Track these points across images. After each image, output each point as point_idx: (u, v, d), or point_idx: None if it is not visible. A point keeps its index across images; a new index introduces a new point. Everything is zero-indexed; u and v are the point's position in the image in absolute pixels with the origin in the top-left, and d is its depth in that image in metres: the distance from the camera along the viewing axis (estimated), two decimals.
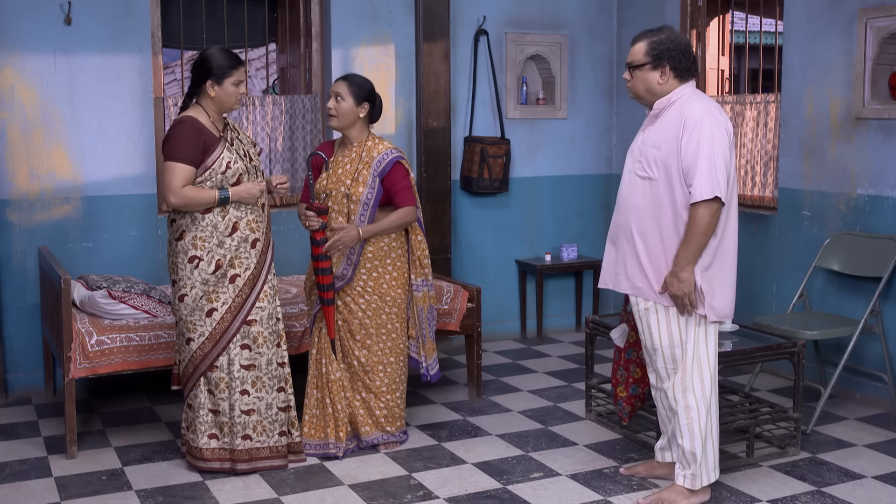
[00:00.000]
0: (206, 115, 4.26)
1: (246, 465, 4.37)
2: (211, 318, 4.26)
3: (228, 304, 4.27)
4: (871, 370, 5.34)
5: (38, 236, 5.65)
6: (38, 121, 5.61)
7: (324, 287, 4.54)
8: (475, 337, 5.49)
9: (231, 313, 4.27)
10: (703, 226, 3.77)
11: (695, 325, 3.92)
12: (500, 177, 6.74)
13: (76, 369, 4.58)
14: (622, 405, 4.53)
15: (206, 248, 4.23)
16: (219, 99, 4.25)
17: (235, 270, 4.26)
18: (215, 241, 4.23)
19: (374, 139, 4.66)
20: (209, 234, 4.23)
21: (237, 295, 4.27)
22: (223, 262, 4.24)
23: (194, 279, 4.24)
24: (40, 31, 5.56)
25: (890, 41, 5.22)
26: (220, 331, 4.27)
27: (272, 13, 6.78)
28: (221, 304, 4.26)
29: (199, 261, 4.22)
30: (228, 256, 4.25)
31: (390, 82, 6.47)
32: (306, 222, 4.52)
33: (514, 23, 6.85)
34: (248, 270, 4.29)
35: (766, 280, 5.97)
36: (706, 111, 3.84)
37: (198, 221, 4.22)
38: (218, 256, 4.23)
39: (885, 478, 4.38)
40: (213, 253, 4.23)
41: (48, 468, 4.51)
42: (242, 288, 4.28)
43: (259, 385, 4.34)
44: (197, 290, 4.24)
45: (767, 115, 6.09)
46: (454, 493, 4.22)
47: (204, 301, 4.25)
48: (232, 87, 4.25)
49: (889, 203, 5.27)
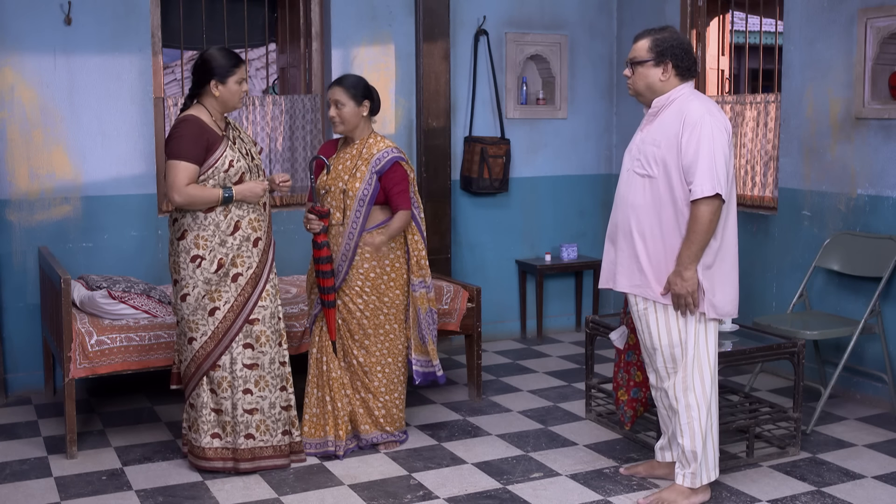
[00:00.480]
0: (209, 114, 4.27)
1: (249, 465, 4.37)
2: (213, 318, 4.26)
3: (231, 303, 4.27)
4: (871, 370, 5.34)
5: (38, 236, 5.65)
6: (38, 121, 5.61)
7: (325, 290, 4.55)
8: (475, 337, 5.49)
9: (233, 312, 4.27)
10: (705, 223, 3.78)
11: (695, 323, 3.92)
12: (500, 177, 6.74)
13: (76, 369, 4.58)
14: (623, 409, 4.53)
15: (209, 248, 4.23)
16: (223, 98, 4.27)
17: (238, 269, 4.27)
18: (217, 240, 4.23)
19: (376, 136, 4.66)
20: (211, 234, 4.23)
21: (239, 294, 4.27)
22: (225, 261, 4.24)
23: (196, 278, 4.24)
24: (40, 31, 5.56)
25: (890, 41, 5.22)
26: (222, 330, 4.27)
27: (272, 13, 6.78)
28: (224, 302, 4.26)
29: (202, 260, 4.23)
30: (231, 255, 4.25)
31: (390, 82, 6.47)
32: (307, 225, 4.53)
33: (514, 23, 6.85)
34: (251, 269, 4.29)
35: (766, 280, 5.97)
36: (706, 109, 3.85)
37: (200, 220, 4.23)
38: (220, 255, 4.24)
39: (885, 478, 4.38)
40: (215, 252, 4.23)
41: (48, 468, 4.51)
42: (245, 287, 4.28)
43: (262, 384, 4.35)
44: (199, 289, 4.25)
45: (767, 115, 6.09)
46: (454, 493, 4.22)
47: (206, 300, 4.25)
48: (235, 86, 4.27)
49: (889, 203, 5.27)
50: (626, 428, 4.61)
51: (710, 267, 3.88)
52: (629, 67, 4.00)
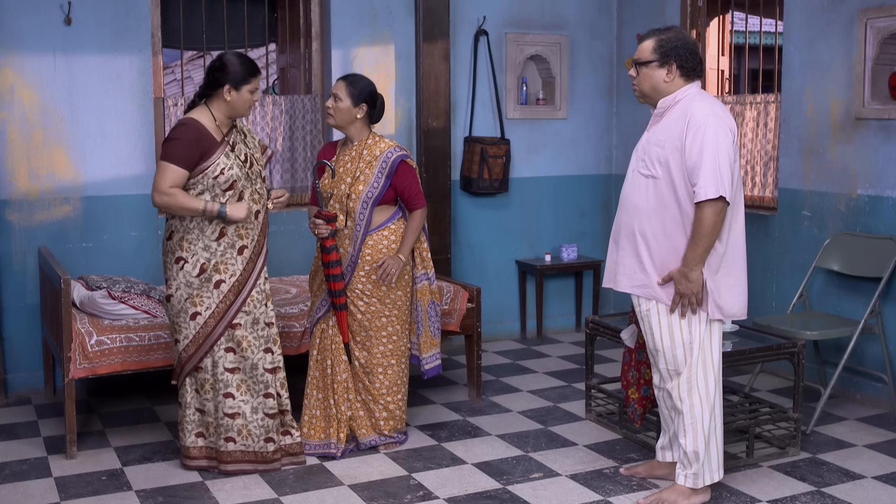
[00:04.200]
0: (212, 117, 4.24)
1: (231, 467, 4.36)
2: (195, 322, 4.25)
3: (212, 310, 4.25)
4: (870, 370, 5.34)
5: (37, 236, 5.65)
6: (37, 121, 5.60)
7: (336, 293, 4.54)
8: (475, 337, 5.49)
9: (214, 318, 4.25)
10: (709, 225, 3.77)
11: (699, 324, 3.92)
12: (499, 177, 6.73)
13: (76, 369, 4.58)
14: (634, 406, 4.52)
15: (192, 251, 4.22)
16: (233, 104, 4.24)
17: (220, 276, 4.24)
18: (201, 245, 4.22)
19: (375, 137, 4.66)
20: (196, 237, 4.22)
21: (221, 301, 4.25)
22: (207, 267, 4.23)
23: (179, 280, 4.24)
24: (40, 32, 5.56)
25: (890, 41, 5.22)
26: (203, 335, 4.26)
27: (272, 13, 6.77)
28: (205, 308, 4.25)
29: (185, 262, 4.22)
30: (213, 261, 4.23)
31: (390, 82, 6.47)
32: (315, 230, 4.52)
33: (513, 23, 6.85)
34: (234, 277, 4.26)
35: (766, 280, 5.97)
36: (711, 110, 3.84)
37: (186, 223, 4.22)
38: (203, 260, 4.22)
39: (885, 478, 4.38)
40: (197, 256, 4.22)
41: (48, 468, 4.51)
42: (227, 294, 4.26)
43: (244, 389, 4.33)
44: (182, 291, 4.24)
45: (767, 115, 6.09)
46: (454, 493, 4.22)
47: (188, 304, 4.24)
48: (248, 95, 4.24)
49: (889, 203, 5.27)
50: (637, 425, 4.59)
51: (717, 268, 3.88)
52: (634, 68, 4.00)
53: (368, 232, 4.58)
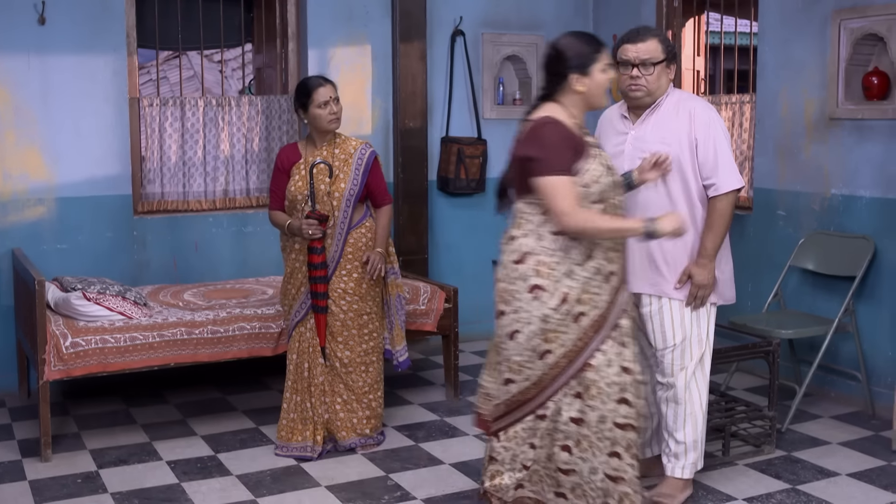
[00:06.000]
0: (569, 114, 3.59)
1: None
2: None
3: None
4: (845, 368, 5.38)
5: (11, 238, 5.60)
6: (11, 121, 5.56)
7: (319, 295, 4.53)
8: (452, 337, 5.49)
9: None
10: (728, 215, 3.91)
11: (707, 315, 4.02)
12: (476, 177, 6.74)
13: (51, 371, 4.54)
14: None
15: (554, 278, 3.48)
16: (589, 94, 3.56)
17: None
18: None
19: (341, 136, 4.71)
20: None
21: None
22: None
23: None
24: (13, 31, 5.51)
25: (863, 42, 5.26)
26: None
27: (248, 13, 6.75)
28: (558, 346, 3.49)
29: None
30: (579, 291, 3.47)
31: (367, 83, 6.46)
32: (308, 230, 4.44)
33: (490, 23, 6.86)
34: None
35: (741, 279, 5.97)
36: (708, 106, 3.96)
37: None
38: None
39: (859, 475, 4.41)
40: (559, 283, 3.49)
41: (22, 471, 4.48)
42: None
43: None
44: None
45: (742, 115, 6.13)
46: (431, 493, 4.22)
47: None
48: (600, 76, 3.54)
49: (862, 203, 5.31)
50: None
51: (720, 257, 3.99)
52: (637, 68, 3.92)
53: (350, 229, 4.58)
